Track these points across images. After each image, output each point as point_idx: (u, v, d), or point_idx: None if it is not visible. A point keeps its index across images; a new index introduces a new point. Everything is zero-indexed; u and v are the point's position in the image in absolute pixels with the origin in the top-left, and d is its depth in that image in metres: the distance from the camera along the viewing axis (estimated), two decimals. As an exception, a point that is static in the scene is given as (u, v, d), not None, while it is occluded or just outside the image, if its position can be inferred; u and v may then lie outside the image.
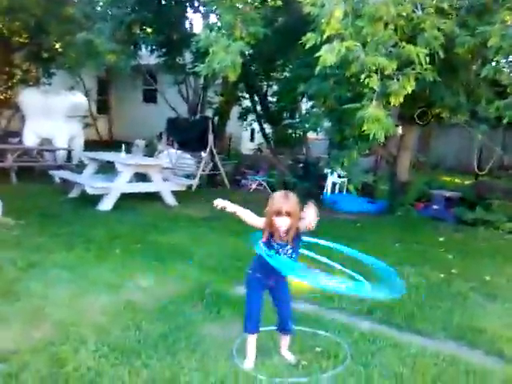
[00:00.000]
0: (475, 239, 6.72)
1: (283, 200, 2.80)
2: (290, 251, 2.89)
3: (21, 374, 2.68)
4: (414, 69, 4.48)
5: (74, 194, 7.82)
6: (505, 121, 4.84)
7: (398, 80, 4.40)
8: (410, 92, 4.48)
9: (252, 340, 2.97)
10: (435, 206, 8.11)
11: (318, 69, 4.47)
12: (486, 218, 7.39)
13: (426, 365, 3.04)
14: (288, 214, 2.77)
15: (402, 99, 4.48)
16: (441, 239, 6.57)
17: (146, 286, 4.19)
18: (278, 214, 2.78)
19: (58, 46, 11.29)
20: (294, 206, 2.79)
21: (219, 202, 2.91)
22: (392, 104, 4.53)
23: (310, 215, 2.82)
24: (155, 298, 3.91)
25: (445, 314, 3.92)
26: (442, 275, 4.90)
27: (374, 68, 4.30)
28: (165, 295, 3.96)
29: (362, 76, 4.41)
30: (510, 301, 4.30)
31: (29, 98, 10.48)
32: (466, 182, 10.29)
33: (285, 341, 3.10)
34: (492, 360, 3.24)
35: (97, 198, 7.19)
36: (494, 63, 5.08)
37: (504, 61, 5.20)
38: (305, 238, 3.02)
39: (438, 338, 3.54)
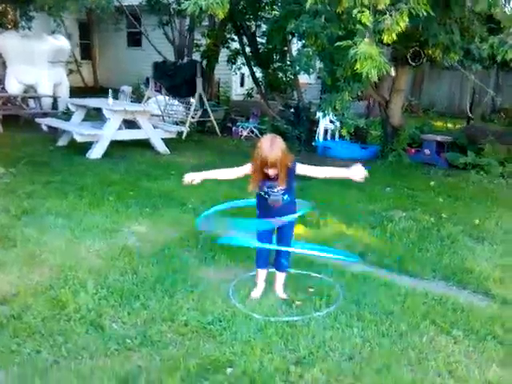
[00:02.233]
0: (466, 183, 6.80)
1: (268, 150, 2.81)
2: (281, 191, 2.96)
3: (23, 315, 2.74)
4: (407, 3, 4.32)
5: (62, 142, 7.69)
6: (498, 59, 4.73)
7: (390, 16, 4.25)
8: (403, 28, 4.34)
9: (261, 274, 3.17)
10: (427, 151, 8.14)
11: (308, 4, 4.29)
12: (477, 162, 7.44)
13: (415, 303, 3.16)
14: (274, 165, 2.81)
15: (394, 36, 4.34)
16: (432, 183, 6.64)
17: (141, 231, 4.22)
18: (265, 165, 2.81)
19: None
20: (279, 153, 2.81)
21: (187, 179, 3.03)
22: (385, 41, 4.40)
23: (357, 172, 2.96)
24: (150, 243, 3.95)
25: (434, 256, 4.03)
26: (433, 219, 4.99)
27: (366, 2, 4.13)
28: (160, 240, 4.01)
29: (354, 11, 4.25)
30: (498, 243, 4.42)
31: (8, 41, 10.04)
32: (458, 126, 10.28)
33: (280, 279, 3.20)
34: (479, 298, 3.37)
35: (86, 146, 7.09)
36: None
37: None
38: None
39: (427, 278, 3.66)
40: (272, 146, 2.82)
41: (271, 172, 2.86)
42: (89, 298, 2.95)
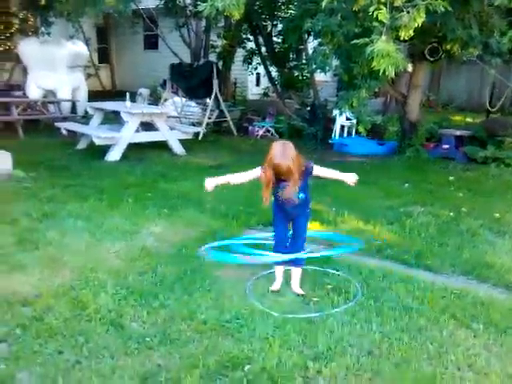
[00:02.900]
0: (485, 177, 6.69)
1: (280, 157, 2.85)
2: (297, 191, 3.00)
3: (45, 316, 2.80)
4: (424, 0, 4.28)
5: (81, 145, 7.83)
6: (519, 52, 4.66)
7: (407, 12, 4.22)
8: (420, 24, 4.30)
9: (279, 267, 3.22)
10: (445, 146, 8.02)
11: (324, 3, 4.29)
12: (497, 156, 7.31)
13: (434, 298, 3.13)
14: (287, 172, 2.87)
15: (411, 32, 4.31)
16: (451, 178, 6.55)
17: (159, 232, 4.27)
18: (278, 172, 2.88)
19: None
20: (291, 160, 2.85)
21: (208, 185, 3.10)
22: (402, 38, 4.37)
23: (350, 177, 3.05)
24: (169, 243, 4.00)
25: (453, 251, 3.98)
26: (452, 213, 4.93)
27: (382, 0, 4.11)
28: (178, 241, 4.05)
29: (371, 9, 4.23)
30: (520, 236, 4.34)
31: (29, 48, 10.26)
32: (477, 121, 10.10)
33: (296, 275, 3.23)
34: (499, 292, 3.32)
35: (105, 149, 7.20)
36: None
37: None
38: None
39: (446, 273, 3.61)
40: (283, 153, 2.87)
41: (284, 177, 2.93)
42: (109, 299, 3.01)
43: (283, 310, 2.94)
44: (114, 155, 7.13)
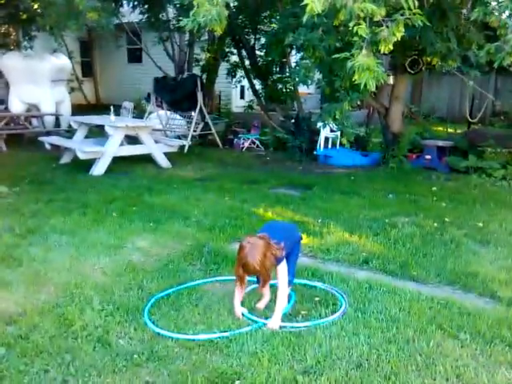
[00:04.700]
0: (468, 187, 6.80)
1: (246, 258, 2.79)
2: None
3: (30, 334, 2.75)
4: (402, 14, 4.38)
5: (65, 159, 7.76)
6: (496, 65, 4.77)
7: (387, 27, 4.31)
8: (399, 38, 4.39)
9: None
10: (427, 156, 8.15)
11: (305, 18, 4.35)
12: (479, 166, 7.45)
13: (421, 308, 3.15)
14: (254, 271, 2.87)
15: (391, 46, 4.39)
16: (434, 188, 6.65)
17: (145, 246, 4.24)
18: (247, 271, 2.86)
19: (36, 6, 10.85)
20: (257, 261, 2.79)
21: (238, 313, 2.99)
22: (382, 52, 4.45)
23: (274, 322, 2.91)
24: (155, 257, 3.97)
25: (438, 261, 4.03)
26: (436, 224, 4.99)
27: (362, 15, 4.19)
28: (164, 255, 4.03)
29: (351, 24, 4.31)
30: (503, 245, 4.41)
31: (11, 62, 10.19)
32: (459, 131, 10.29)
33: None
34: (485, 301, 3.35)
35: (89, 163, 7.15)
36: (483, 6, 4.96)
37: (494, 3, 5.07)
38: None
39: (432, 283, 3.65)
40: (250, 254, 2.80)
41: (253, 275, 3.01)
42: (95, 315, 2.97)
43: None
44: (98, 169, 7.08)
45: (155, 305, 3.14)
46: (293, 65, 9.64)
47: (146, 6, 11.14)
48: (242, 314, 3.02)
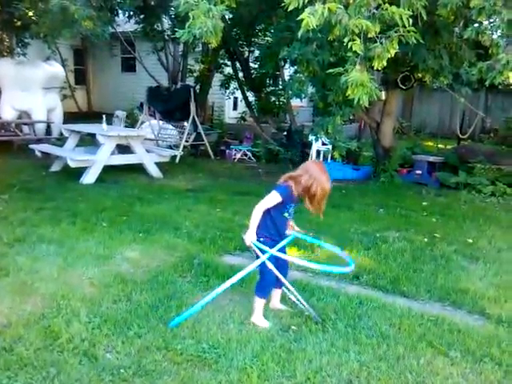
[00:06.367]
0: (457, 203, 6.85)
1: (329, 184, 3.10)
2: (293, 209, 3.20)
3: (15, 346, 2.69)
4: (396, 31, 4.43)
5: (56, 167, 7.70)
6: (487, 83, 4.85)
7: (381, 43, 4.36)
8: (392, 55, 4.45)
9: (261, 300, 3.20)
10: (418, 171, 8.21)
11: (300, 32, 4.39)
12: (469, 182, 7.52)
13: (411, 325, 3.14)
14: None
15: (385, 62, 4.44)
16: (424, 203, 6.68)
17: (135, 257, 4.19)
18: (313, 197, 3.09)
19: (31, 13, 10.84)
20: None
21: (248, 241, 3.00)
22: (375, 68, 4.50)
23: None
24: (144, 269, 3.93)
25: (429, 277, 4.03)
26: (426, 239, 5.01)
27: (357, 31, 4.24)
28: (153, 266, 3.98)
29: (345, 39, 4.35)
30: (492, 262, 4.43)
31: (3, 68, 10.12)
32: (449, 147, 10.39)
33: (277, 295, 3.35)
34: (474, 318, 3.36)
35: (80, 172, 7.10)
36: (476, 24, 5.05)
37: (486, 22, 5.17)
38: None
39: (422, 299, 3.64)
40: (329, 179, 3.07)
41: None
42: (82, 328, 2.91)
43: (262, 338, 2.90)
44: (89, 178, 7.03)
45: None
46: (286, 78, 9.69)
47: (141, 16, 11.18)
48: None
